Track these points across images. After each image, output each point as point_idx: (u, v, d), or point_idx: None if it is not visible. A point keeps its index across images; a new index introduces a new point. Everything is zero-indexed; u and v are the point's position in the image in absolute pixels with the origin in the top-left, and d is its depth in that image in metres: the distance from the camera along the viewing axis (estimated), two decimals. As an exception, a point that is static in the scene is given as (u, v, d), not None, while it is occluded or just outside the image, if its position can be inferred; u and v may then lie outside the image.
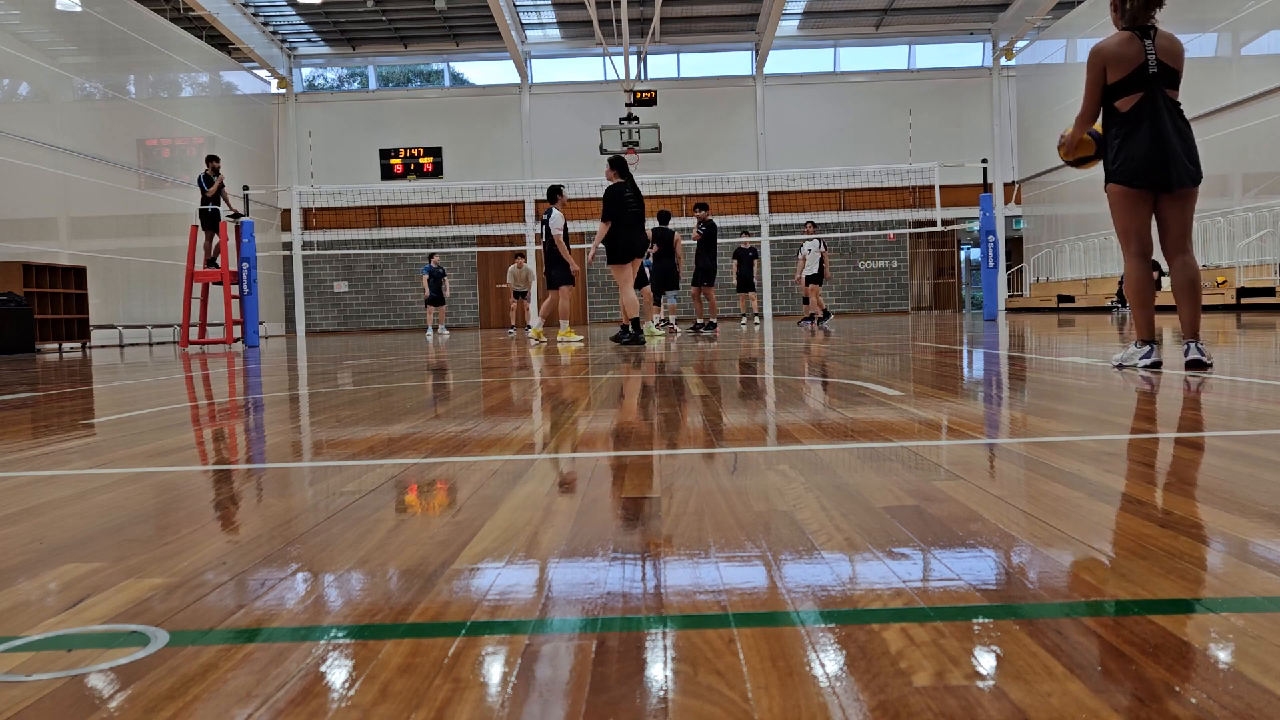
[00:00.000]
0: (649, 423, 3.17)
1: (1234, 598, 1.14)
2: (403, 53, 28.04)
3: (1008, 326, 12.39)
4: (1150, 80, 4.24)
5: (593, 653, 1.02)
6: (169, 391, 5.50)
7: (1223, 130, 17.16)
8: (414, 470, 2.31)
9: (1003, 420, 3.07)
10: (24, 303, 13.70)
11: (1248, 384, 3.84)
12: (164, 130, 20.40)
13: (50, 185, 16.23)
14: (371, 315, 27.31)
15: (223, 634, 1.11)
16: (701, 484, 1.98)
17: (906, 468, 2.11)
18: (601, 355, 8.06)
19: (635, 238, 9.82)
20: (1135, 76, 4.25)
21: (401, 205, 27.02)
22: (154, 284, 19.31)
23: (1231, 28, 17.08)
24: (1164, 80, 4.27)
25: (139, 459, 2.62)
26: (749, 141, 27.46)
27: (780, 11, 23.42)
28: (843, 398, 3.76)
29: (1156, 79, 4.24)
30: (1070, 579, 1.24)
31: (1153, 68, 4.23)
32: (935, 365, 5.62)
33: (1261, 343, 6.73)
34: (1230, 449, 2.19)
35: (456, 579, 1.32)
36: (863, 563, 1.34)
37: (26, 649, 1.08)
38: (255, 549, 1.53)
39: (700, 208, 14.42)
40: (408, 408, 3.94)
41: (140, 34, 19.54)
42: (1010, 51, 26.90)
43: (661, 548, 1.46)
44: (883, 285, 27.31)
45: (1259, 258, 15.86)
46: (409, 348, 11.95)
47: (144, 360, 10.31)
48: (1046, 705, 0.85)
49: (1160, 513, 1.58)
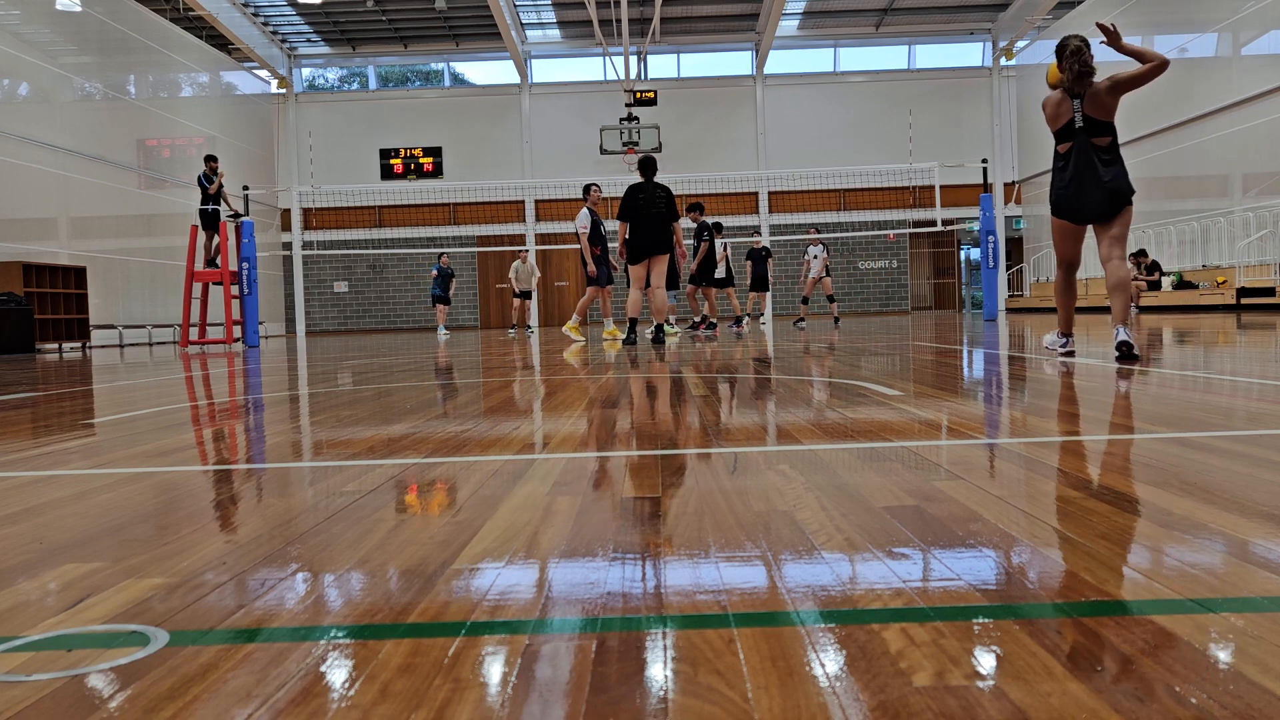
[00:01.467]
0: (649, 422, 3.17)
1: (1234, 598, 1.14)
2: (403, 53, 28.04)
3: (1008, 326, 12.40)
4: (1077, 133, 5.27)
5: (593, 653, 1.02)
6: (169, 391, 5.50)
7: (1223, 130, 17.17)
8: (414, 470, 2.31)
9: (1003, 420, 3.07)
10: (24, 303, 13.70)
11: (1248, 384, 3.84)
12: (164, 130, 20.40)
13: (50, 185, 16.23)
14: (371, 315, 27.31)
15: (223, 634, 1.11)
16: (701, 484, 1.98)
17: (906, 468, 2.11)
18: (601, 355, 8.06)
19: (643, 238, 9.86)
20: (1065, 130, 5.34)
21: (401, 205, 27.02)
22: (154, 284, 19.31)
23: (1231, 28, 17.08)
24: (1090, 131, 5.26)
25: (139, 459, 2.62)
26: (749, 141, 27.46)
27: (780, 11, 23.42)
28: (843, 398, 3.76)
29: (1083, 131, 5.26)
30: (1070, 579, 1.24)
31: (1078, 123, 5.27)
32: (935, 365, 5.62)
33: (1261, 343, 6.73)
34: (1231, 449, 2.19)
35: (456, 579, 1.32)
36: (863, 563, 1.34)
37: (26, 649, 1.08)
38: (255, 549, 1.53)
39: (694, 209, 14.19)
40: (408, 408, 3.94)
41: (140, 34, 19.54)
42: (1010, 51, 26.91)
43: (661, 548, 1.46)
44: (883, 285, 27.31)
45: (1259, 258, 15.86)
46: (409, 348, 11.95)
47: (144, 360, 10.31)
48: (1046, 705, 0.85)
49: (1160, 512, 1.58)
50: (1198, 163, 18.13)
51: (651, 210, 9.81)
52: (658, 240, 9.87)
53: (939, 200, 18.41)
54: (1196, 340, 7.36)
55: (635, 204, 9.82)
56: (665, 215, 9.86)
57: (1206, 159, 17.81)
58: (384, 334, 24.35)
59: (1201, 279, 17.34)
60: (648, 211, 9.80)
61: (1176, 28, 18.99)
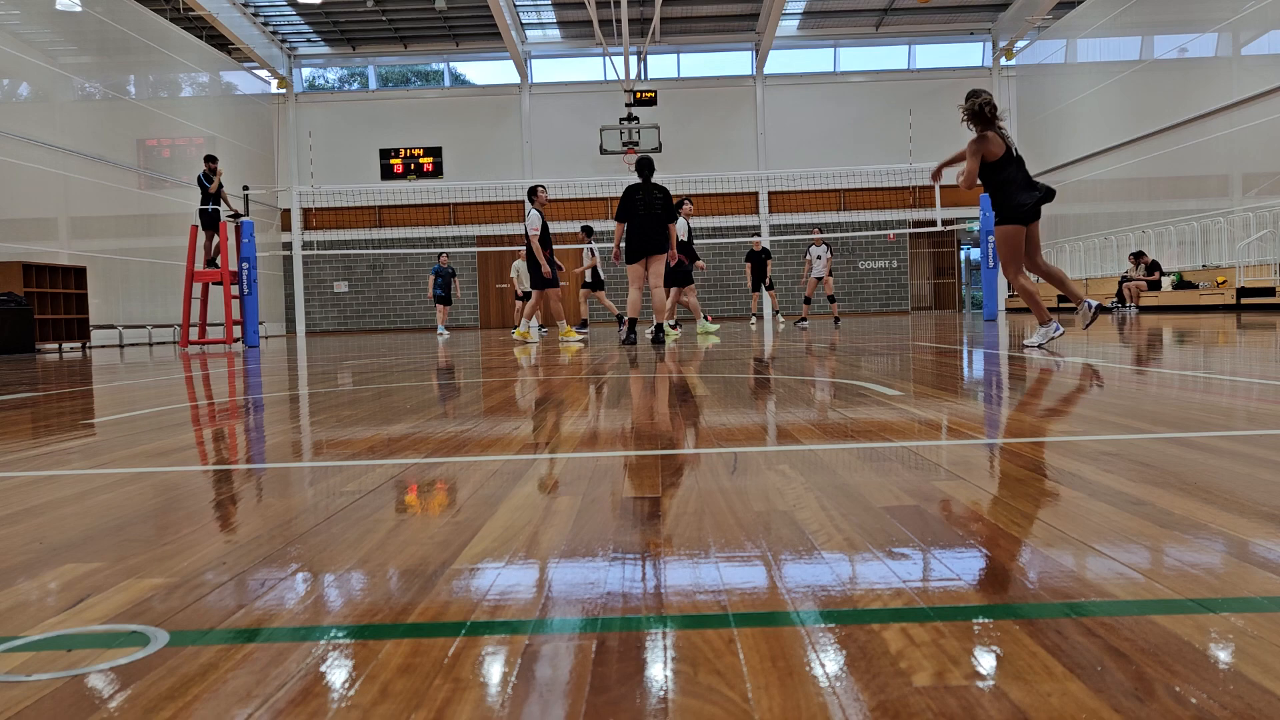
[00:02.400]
0: (649, 422, 3.18)
1: (1234, 598, 1.14)
2: (403, 53, 28.04)
3: (1008, 327, 12.40)
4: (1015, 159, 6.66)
5: (593, 653, 1.02)
6: (169, 391, 5.50)
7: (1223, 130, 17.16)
8: (414, 470, 2.31)
9: (1003, 420, 3.07)
10: (24, 303, 13.70)
11: (1248, 384, 3.84)
12: (164, 130, 20.40)
13: (50, 185, 16.23)
14: (371, 315, 27.31)
15: (223, 634, 1.11)
16: (701, 484, 1.98)
17: (906, 468, 2.11)
18: (601, 355, 8.06)
19: (640, 238, 9.92)
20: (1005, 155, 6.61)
21: (401, 205, 27.02)
22: (154, 284, 19.31)
23: (1231, 28, 17.08)
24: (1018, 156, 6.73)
25: (139, 459, 2.62)
26: (749, 141, 27.46)
27: (780, 11, 23.41)
28: (843, 398, 3.76)
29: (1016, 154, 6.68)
30: (1070, 579, 1.24)
31: (1014, 150, 6.67)
32: (935, 365, 5.62)
33: (1261, 343, 6.73)
34: (1230, 449, 2.19)
35: (456, 579, 1.32)
36: (863, 563, 1.34)
37: (26, 649, 1.08)
38: (255, 549, 1.53)
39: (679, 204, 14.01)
40: (407, 408, 3.94)
41: (140, 34, 19.54)
42: (1010, 51, 26.90)
43: (661, 548, 1.46)
44: (883, 285, 27.30)
45: (1259, 258, 15.86)
46: (409, 348, 11.95)
47: (144, 360, 10.31)
48: (1046, 705, 0.85)
49: (1160, 512, 1.58)
50: (1198, 163, 18.13)
51: (649, 211, 9.87)
52: (654, 240, 9.93)
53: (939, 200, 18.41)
54: (1196, 340, 7.36)
55: (633, 204, 9.91)
56: (662, 216, 9.93)
57: (1206, 159, 17.81)
58: (384, 334, 24.35)
59: (1201, 279, 17.34)
60: (645, 212, 9.87)
61: (1176, 28, 18.99)
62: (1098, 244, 21.64)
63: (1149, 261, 18.48)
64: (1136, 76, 20.21)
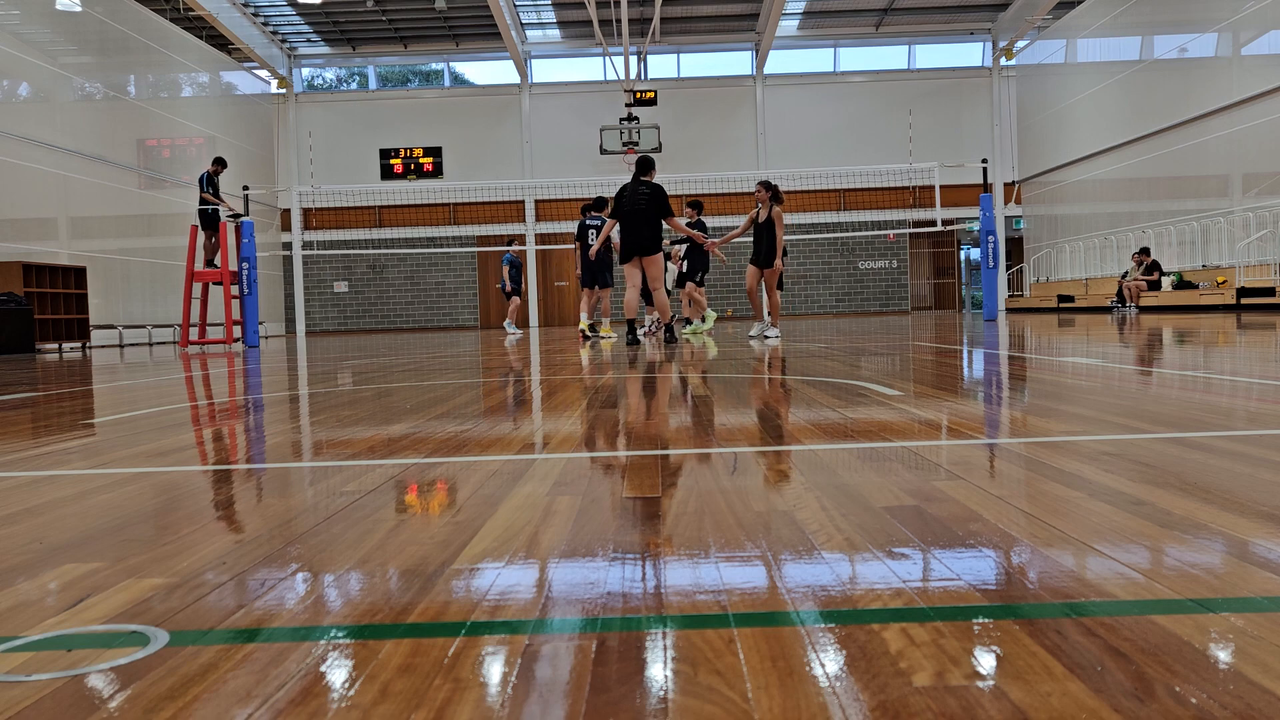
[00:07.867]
0: (649, 422, 3.17)
1: (1234, 598, 1.14)
2: (402, 53, 28.03)
3: (1008, 327, 12.39)
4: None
5: (593, 653, 1.02)
6: (169, 391, 5.50)
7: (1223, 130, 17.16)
8: (414, 470, 2.31)
9: (1003, 420, 3.07)
10: (24, 303, 13.70)
11: (1248, 384, 3.84)
12: (164, 130, 20.39)
13: (50, 185, 16.22)
14: (372, 315, 27.31)
15: (223, 634, 1.11)
16: (701, 484, 1.98)
17: (906, 468, 2.11)
18: (600, 356, 8.06)
19: (624, 236, 9.83)
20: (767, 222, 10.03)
21: (401, 205, 27.01)
22: (154, 284, 19.30)
23: (1231, 28, 17.07)
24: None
25: (139, 459, 2.62)
26: (749, 141, 27.45)
27: (780, 11, 23.40)
28: (843, 398, 3.76)
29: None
30: (1070, 579, 1.24)
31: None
32: (935, 365, 5.62)
33: (1261, 343, 6.72)
34: (1230, 449, 2.19)
35: (456, 579, 1.32)
36: (863, 563, 1.34)
37: (26, 649, 1.08)
38: (255, 549, 1.53)
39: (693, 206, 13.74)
40: (407, 408, 3.94)
41: (140, 34, 19.53)
42: (1010, 51, 26.89)
43: (661, 547, 1.46)
44: (883, 285, 27.30)
45: (1259, 258, 15.86)
46: (409, 348, 11.95)
47: (144, 360, 10.30)
48: (1046, 705, 0.85)
49: (1160, 512, 1.58)
50: (1198, 163, 18.13)
51: (632, 207, 9.66)
52: (638, 238, 9.71)
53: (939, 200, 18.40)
54: (1196, 340, 7.36)
55: (618, 202, 9.84)
56: (646, 211, 9.60)
57: (1206, 159, 17.81)
58: (384, 334, 24.34)
59: (1201, 279, 17.34)
60: (630, 208, 9.69)
61: (1176, 27, 18.99)
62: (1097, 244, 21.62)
63: (1149, 261, 18.48)
64: (1136, 76, 20.21)
